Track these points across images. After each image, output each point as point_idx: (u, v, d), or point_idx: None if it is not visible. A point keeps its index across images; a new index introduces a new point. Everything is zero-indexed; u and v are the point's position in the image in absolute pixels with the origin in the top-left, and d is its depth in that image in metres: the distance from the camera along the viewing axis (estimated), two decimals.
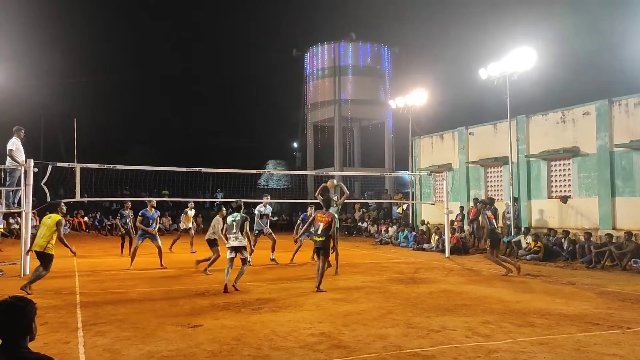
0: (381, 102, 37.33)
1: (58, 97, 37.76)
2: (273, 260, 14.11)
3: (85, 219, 26.50)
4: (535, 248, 15.25)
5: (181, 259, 15.18)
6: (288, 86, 45.75)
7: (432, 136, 23.80)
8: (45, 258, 9.40)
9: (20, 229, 15.83)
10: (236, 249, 9.72)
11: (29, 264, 11.56)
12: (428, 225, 21.06)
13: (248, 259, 10.27)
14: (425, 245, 18.72)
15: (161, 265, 13.12)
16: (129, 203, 16.37)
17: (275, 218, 33.96)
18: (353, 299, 8.78)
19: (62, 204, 10.51)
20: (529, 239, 15.76)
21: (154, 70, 52.83)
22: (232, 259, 9.72)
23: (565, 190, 17.27)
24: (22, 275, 11.10)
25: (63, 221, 9.67)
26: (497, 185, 20.03)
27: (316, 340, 6.05)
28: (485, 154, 20.12)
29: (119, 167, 14.74)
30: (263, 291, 9.55)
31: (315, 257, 10.80)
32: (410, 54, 40.56)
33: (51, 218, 9.51)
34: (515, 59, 16.47)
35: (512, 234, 16.91)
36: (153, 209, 13.82)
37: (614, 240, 13.70)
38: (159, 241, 13.32)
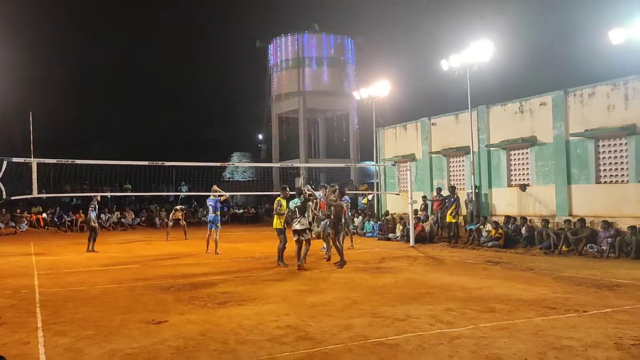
0: (345, 93, 37.50)
1: (12, 91, 36.41)
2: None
3: (44, 215, 25.76)
4: (496, 235, 15.65)
5: (152, 252, 14.96)
6: (252, 78, 45.35)
7: (396, 127, 24.03)
8: None
9: None
10: (299, 232, 10.91)
11: None
12: (393, 215, 21.32)
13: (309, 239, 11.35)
14: (390, 235, 18.96)
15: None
16: (99, 196, 16.34)
17: (242, 211, 33.78)
18: (319, 290, 8.84)
19: None
20: (489, 226, 16.16)
21: (113, 63, 51.48)
22: (299, 241, 10.95)
23: (524, 179, 17.73)
24: None
25: None
26: (460, 174, 20.41)
27: (283, 333, 6.08)
28: (448, 144, 20.46)
29: (77, 161, 14.39)
30: (229, 285, 9.51)
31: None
32: (374, 45, 40.79)
33: None
34: (475, 51, 16.81)
35: (474, 222, 17.32)
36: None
37: (570, 227, 14.18)
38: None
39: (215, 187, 15.14)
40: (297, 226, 11.06)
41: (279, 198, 12.07)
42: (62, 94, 43.43)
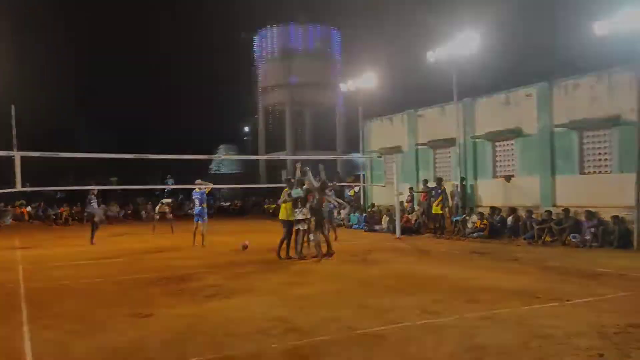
0: (332, 85, 37.44)
1: None
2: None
3: (28, 208, 25.49)
4: (481, 226, 15.80)
5: (139, 246, 14.89)
6: (238, 70, 45.02)
7: (383, 119, 24.08)
8: None
9: None
10: (300, 222, 11.32)
11: None
12: (379, 207, 21.41)
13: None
14: (376, 227, 19.05)
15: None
16: (96, 190, 16.33)
17: (228, 203, 33.70)
18: (307, 282, 8.87)
19: None
20: (474, 217, 16.31)
21: (97, 54, 50.80)
22: (297, 231, 11.38)
23: (509, 170, 17.89)
24: None
25: None
26: (446, 166, 20.53)
27: (271, 325, 6.10)
28: (434, 136, 20.55)
29: (62, 154, 14.20)
30: (216, 277, 9.50)
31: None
32: (360, 37, 40.65)
33: None
34: (461, 43, 16.88)
35: (459, 213, 17.46)
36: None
37: (553, 217, 14.37)
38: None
39: (198, 181, 15.10)
40: (299, 216, 11.37)
41: (286, 189, 12.11)
42: (45, 86, 42.84)
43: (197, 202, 14.63)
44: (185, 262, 11.72)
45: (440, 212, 17.41)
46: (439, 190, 17.54)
